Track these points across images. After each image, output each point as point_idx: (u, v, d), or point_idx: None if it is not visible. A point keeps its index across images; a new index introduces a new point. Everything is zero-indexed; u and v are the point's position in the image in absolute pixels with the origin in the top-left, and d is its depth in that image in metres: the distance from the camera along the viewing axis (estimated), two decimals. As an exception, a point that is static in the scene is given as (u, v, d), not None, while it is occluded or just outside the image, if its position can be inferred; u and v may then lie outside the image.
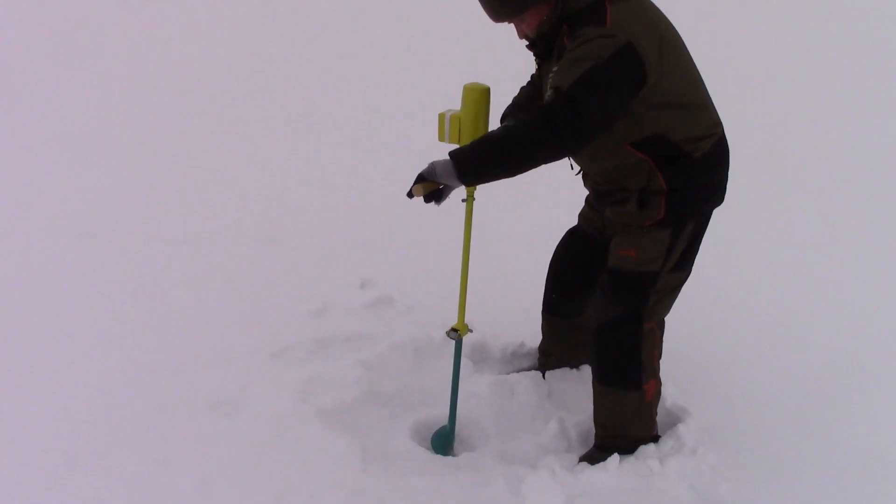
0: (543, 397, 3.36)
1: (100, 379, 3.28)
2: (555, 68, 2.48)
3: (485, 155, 2.50)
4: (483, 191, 2.87)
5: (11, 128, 6.13)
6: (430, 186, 2.59)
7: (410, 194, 2.63)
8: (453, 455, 3.08)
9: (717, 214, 2.86)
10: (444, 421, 3.13)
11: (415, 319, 3.80)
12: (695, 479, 2.85)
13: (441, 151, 2.60)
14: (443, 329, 3.59)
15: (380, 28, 8.71)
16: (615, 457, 2.90)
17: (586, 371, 3.32)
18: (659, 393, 3.02)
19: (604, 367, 2.95)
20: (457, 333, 2.99)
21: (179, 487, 2.73)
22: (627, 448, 2.96)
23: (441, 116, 2.72)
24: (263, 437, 2.97)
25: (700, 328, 3.83)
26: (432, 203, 2.68)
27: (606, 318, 2.87)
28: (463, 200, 2.84)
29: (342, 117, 6.50)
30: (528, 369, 3.50)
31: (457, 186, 2.61)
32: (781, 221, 5.07)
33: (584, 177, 2.99)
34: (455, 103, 2.81)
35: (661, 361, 3.00)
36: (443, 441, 3.09)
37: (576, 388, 3.35)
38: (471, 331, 3.06)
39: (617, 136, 2.60)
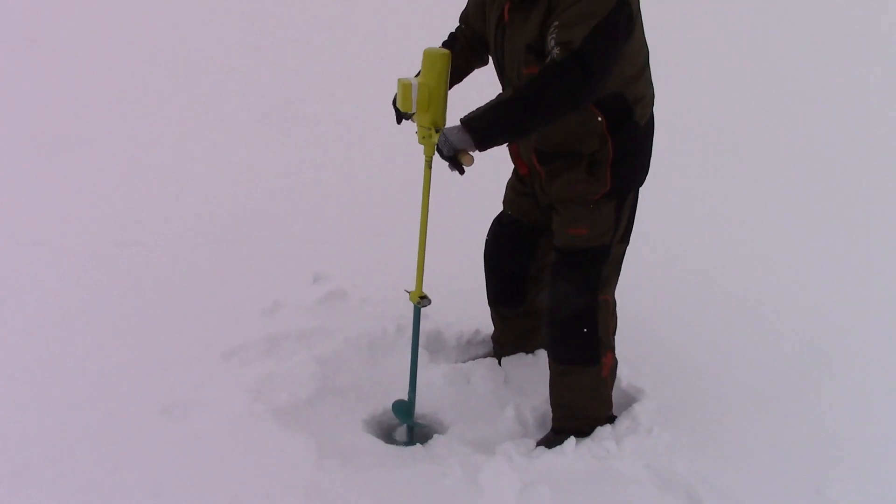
0: (500, 384, 3.36)
1: (47, 386, 3.20)
2: (556, 23, 2.43)
3: (500, 120, 2.51)
4: (436, 182, 2.83)
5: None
6: (468, 156, 2.56)
7: (462, 169, 2.59)
8: (414, 425, 3.08)
9: (695, 196, 2.87)
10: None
11: (369, 312, 3.77)
12: (651, 458, 2.87)
13: (401, 138, 2.49)
14: (397, 321, 3.59)
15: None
16: (572, 439, 2.91)
17: (541, 356, 3.32)
18: (615, 369, 3.03)
19: (561, 346, 2.96)
20: (426, 300, 2.92)
21: (131, 494, 2.67)
22: (584, 430, 2.97)
23: (405, 85, 2.63)
24: (217, 439, 2.92)
25: (654, 309, 3.86)
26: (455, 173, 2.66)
27: (562, 296, 2.88)
28: (428, 163, 2.75)
29: (293, 114, 6.42)
30: (484, 356, 3.49)
31: (472, 151, 2.57)
32: (750, 204, 5.12)
33: (517, 146, 2.96)
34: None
35: (616, 342, 3.01)
36: (404, 408, 3.07)
37: (532, 373, 3.35)
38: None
39: None
